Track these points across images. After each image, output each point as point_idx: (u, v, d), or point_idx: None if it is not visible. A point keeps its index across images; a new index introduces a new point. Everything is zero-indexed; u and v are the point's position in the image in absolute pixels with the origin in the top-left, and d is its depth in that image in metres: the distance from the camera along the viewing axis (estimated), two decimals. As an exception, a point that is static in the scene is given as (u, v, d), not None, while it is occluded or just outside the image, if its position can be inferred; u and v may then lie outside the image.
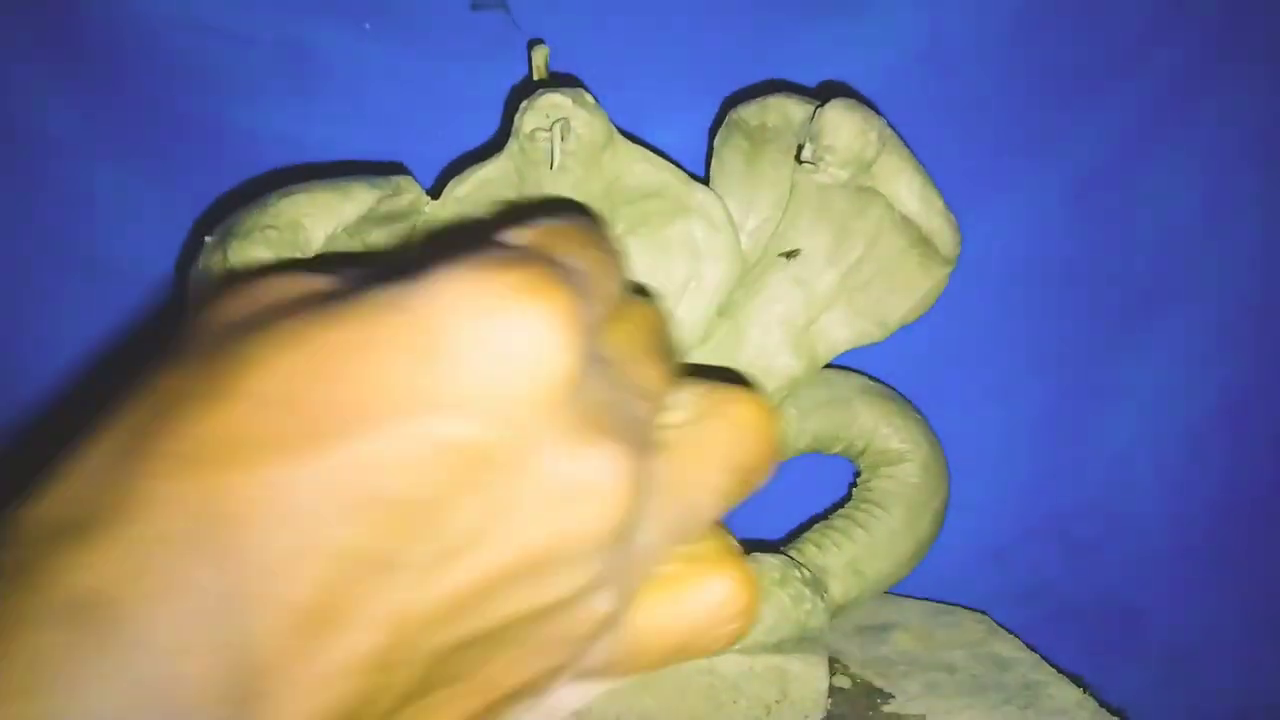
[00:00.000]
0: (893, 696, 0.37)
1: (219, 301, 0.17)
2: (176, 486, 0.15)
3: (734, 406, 0.20)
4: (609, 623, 0.18)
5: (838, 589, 0.38)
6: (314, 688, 0.15)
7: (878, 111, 0.34)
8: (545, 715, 0.19)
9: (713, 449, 0.19)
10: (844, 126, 0.33)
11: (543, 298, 0.15)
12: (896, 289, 0.36)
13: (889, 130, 0.34)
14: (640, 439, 0.18)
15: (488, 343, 0.15)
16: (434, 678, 0.17)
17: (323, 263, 0.20)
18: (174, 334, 0.17)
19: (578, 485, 0.16)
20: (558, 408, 0.16)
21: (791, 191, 0.35)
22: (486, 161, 0.33)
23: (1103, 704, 0.37)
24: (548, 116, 0.31)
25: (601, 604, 0.18)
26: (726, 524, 0.39)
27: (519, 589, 0.17)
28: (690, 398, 0.20)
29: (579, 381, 0.16)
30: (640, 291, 0.21)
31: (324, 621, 0.15)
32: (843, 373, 0.40)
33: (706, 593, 0.19)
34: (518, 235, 0.18)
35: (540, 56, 0.38)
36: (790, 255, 0.31)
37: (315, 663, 0.15)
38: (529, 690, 0.19)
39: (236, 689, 0.14)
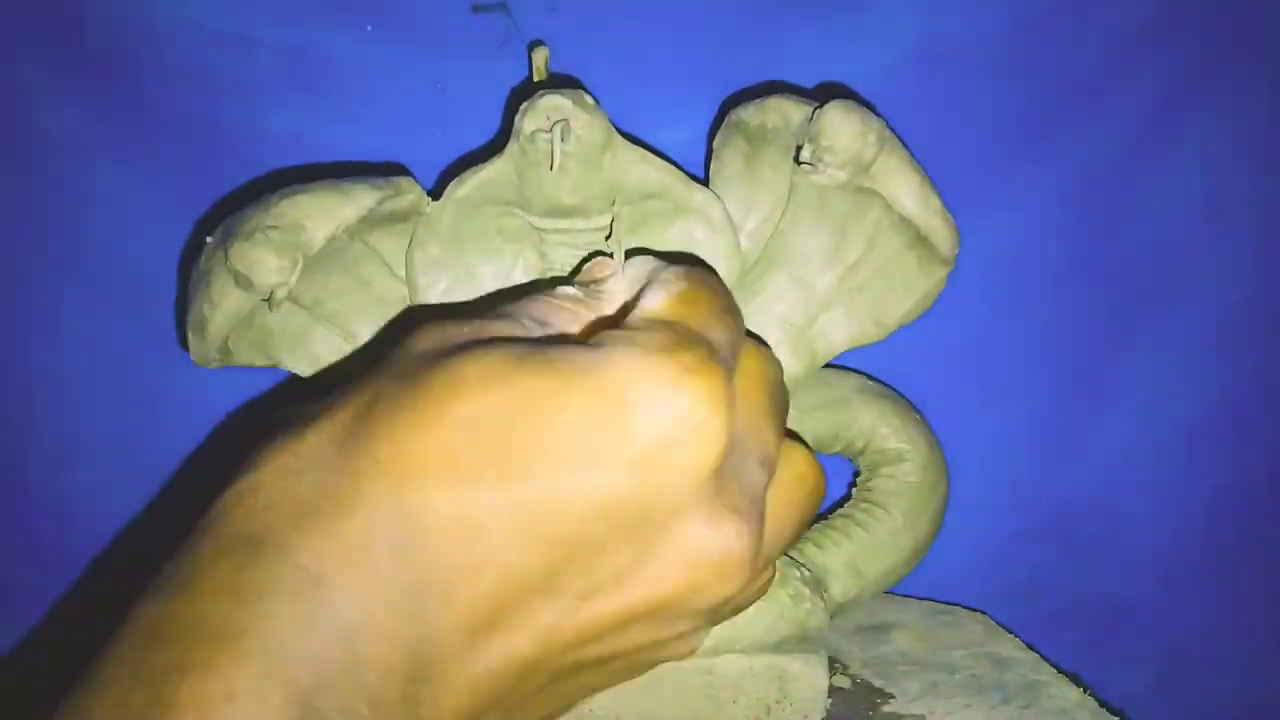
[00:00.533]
0: (893, 696, 0.38)
1: (425, 329, 0.20)
2: (387, 492, 0.17)
3: (800, 465, 0.23)
4: (696, 650, 0.22)
5: (837, 588, 0.38)
6: (468, 681, 0.18)
7: (877, 113, 0.34)
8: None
9: (789, 510, 0.22)
10: (843, 127, 0.33)
11: (709, 382, 0.18)
12: (895, 289, 0.36)
13: (888, 131, 0.34)
14: (761, 509, 0.20)
15: (662, 415, 0.18)
16: (555, 682, 0.20)
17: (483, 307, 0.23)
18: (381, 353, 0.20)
19: (714, 555, 0.19)
20: (708, 479, 0.18)
21: (790, 192, 0.35)
22: (487, 163, 0.33)
23: (1103, 704, 0.37)
24: (548, 118, 0.31)
25: (695, 642, 0.22)
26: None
27: (642, 628, 0.20)
28: None
29: (726, 459, 0.19)
30: (753, 337, 0.24)
31: (488, 628, 0.18)
32: (841, 372, 0.40)
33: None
34: (667, 305, 0.21)
35: (540, 58, 0.38)
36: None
37: (476, 660, 0.18)
38: (610, 686, 0.22)
39: (406, 671, 0.17)
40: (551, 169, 0.32)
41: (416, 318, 0.21)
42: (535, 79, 0.38)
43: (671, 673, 0.34)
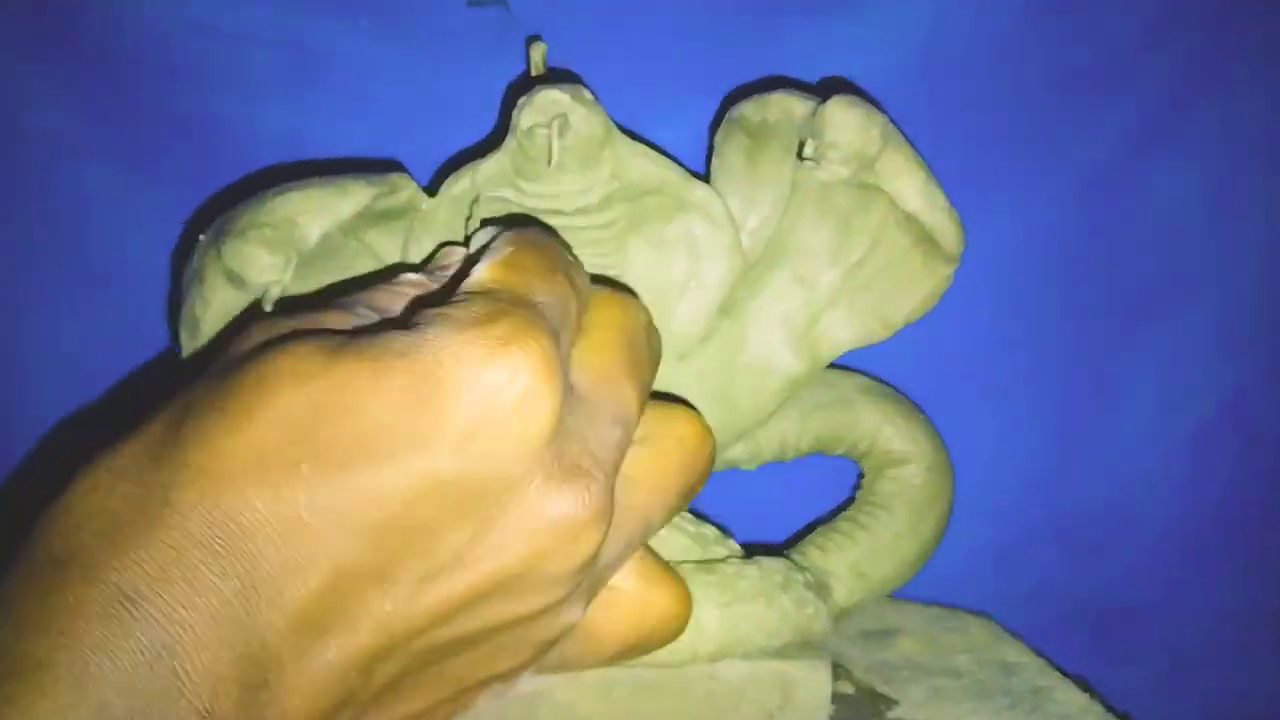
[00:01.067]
0: (897, 702, 0.37)
1: (251, 329, 0.19)
2: (200, 498, 0.16)
3: (679, 427, 0.22)
4: (572, 629, 0.21)
5: (841, 592, 0.38)
6: (310, 680, 0.17)
7: (880, 108, 0.33)
8: (500, 698, 0.21)
9: (666, 473, 0.22)
10: (846, 123, 0.32)
11: (525, 349, 0.17)
12: (900, 288, 0.35)
13: (891, 127, 0.34)
14: (611, 468, 0.20)
15: (480, 390, 0.17)
16: (412, 671, 0.19)
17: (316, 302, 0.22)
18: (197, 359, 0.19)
19: (555, 520, 0.18)
20: (541, 446, 0.18)
21: (793, 189, 0.35)
22: (483, 159, 0.33)
23: (1109, 708, 0.37)
24: (546, 113, 0.31)
25: (569, 615, 0.20)
26: (729, 528, 0.38)
27: (496, 604, 0.19)
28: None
29: (559, 423, 0.18)
30: (616, 285, 0.23)
31: (323, 625, 0.17)
32: (845, 373, 0.40)
33: (656, 607, 0.23)
34: (488, 273, 0.20)
35: (538, 53, 0.37)
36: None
37: (313, 659, 0.17)
38: (494, 682, 0.21)
39: (240, 679, 0.16)
40: (549, 165, 0.31)
41: (247, 320, 0.21)
42: (533, 74, 0.37)
43: (673, 678, 0.33)
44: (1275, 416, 0.50)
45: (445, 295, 0.20)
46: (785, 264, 0.35)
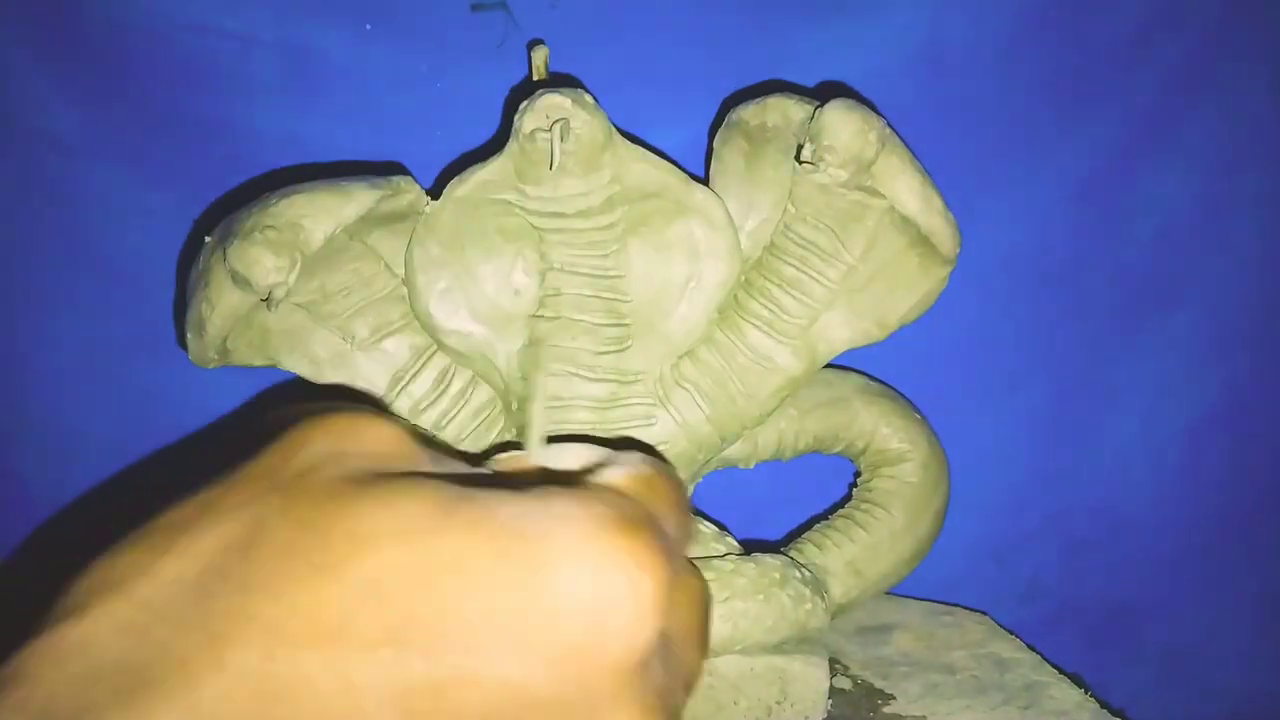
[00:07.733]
0: (893, 698, 0.37)
1: (309, 432, 0.17)
2: (250, 659, 0.14)
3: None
4: None
5: (838, 589, 0.38)
6: None
7: (877, 112, 0.34)
8: None
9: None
10: (844, 126, 0.33)
11: (654, 576, 0.15)
12: (896, 289, 0.36)
13: (889, 130, 0.34)
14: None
15: (595, 606, 0.15)
16: None
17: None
18: (248, 452, 0.17)
19: None
20: (628, 679, 0.16)
21: (791, 192, 0.35)
22: (486, 162, 0.33)
23: (1104, 704, 0.37)
24: (547, 117, 0.31)
25: None
26: (727, 526, 0.38)
27: None
28: None
29: (651, 656, 0.16)
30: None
31: None
32: (842, 372, 0.40)
33: None
34: (625, 482, 0.18)
35: (540, 57, 0.38)
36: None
37: None
38: None
39: None
40: (551, 168, 0.32)
41: (304, 403, 0.18)
42: (535, 78, 0.38)
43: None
44: (1268, 415, 0.50)
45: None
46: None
